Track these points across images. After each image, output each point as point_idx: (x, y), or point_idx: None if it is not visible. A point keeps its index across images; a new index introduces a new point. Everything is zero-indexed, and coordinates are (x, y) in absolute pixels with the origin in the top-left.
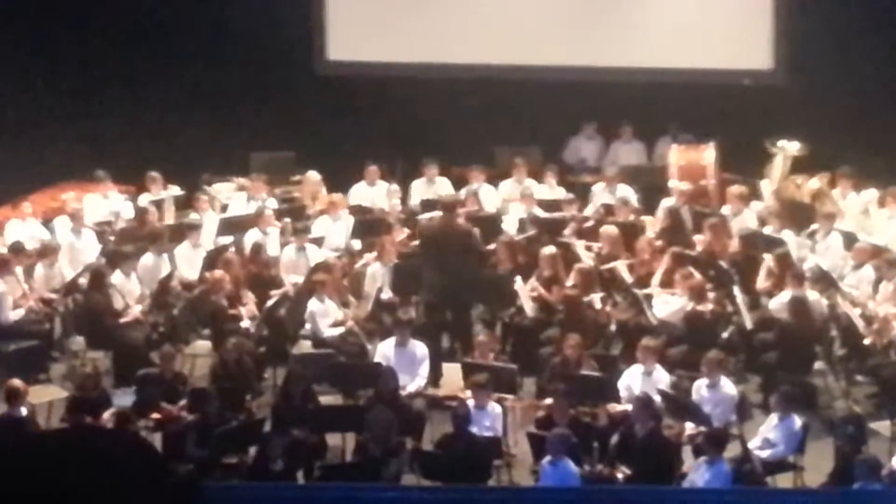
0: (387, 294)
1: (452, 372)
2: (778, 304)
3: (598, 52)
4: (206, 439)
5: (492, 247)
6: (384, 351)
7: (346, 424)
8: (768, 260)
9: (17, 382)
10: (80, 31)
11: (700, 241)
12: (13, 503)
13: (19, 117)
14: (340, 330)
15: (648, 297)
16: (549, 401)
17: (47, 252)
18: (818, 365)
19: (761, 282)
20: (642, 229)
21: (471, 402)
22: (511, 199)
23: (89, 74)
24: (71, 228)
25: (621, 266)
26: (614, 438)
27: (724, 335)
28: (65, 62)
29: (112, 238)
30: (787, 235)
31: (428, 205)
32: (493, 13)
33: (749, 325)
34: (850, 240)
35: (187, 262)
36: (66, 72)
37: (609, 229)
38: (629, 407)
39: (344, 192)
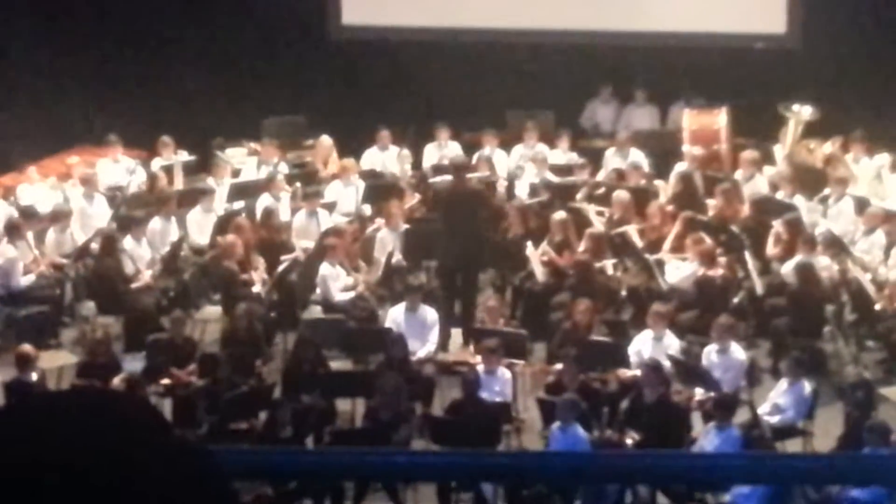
0: (397, 259)
1: (458, 336)
2: (789, 269)
3: (611, 15)
4: (216, 405)
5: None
6: (394, 316)
7: (356, 390)
8: (777, 226)
9: (27, 348)
10: None
11: (712, 206)
12: (14, 467)
13: (30, 81)
14: (351, 295)
15: (660, 263)
16: (558, 366)
17: (59, 217)
18: (828, 330)
19: (770, 248)
20: (654, 194)
21: (481, 368)
22: (523, 164)
23: (101, 39)
24: (83, 193)
25: (632, 231)
26: (624, 404)
27: (735, 300)
28: (76, 27)
29: (123, 203)
30: (799, 200)
31: (439, 169)
32: None
33: (760, 290)
34: (862, 205)
35: (198, 227)
36: (78, 36)
37: (620, 194)
38: (639, 372)
39: (356, 156)
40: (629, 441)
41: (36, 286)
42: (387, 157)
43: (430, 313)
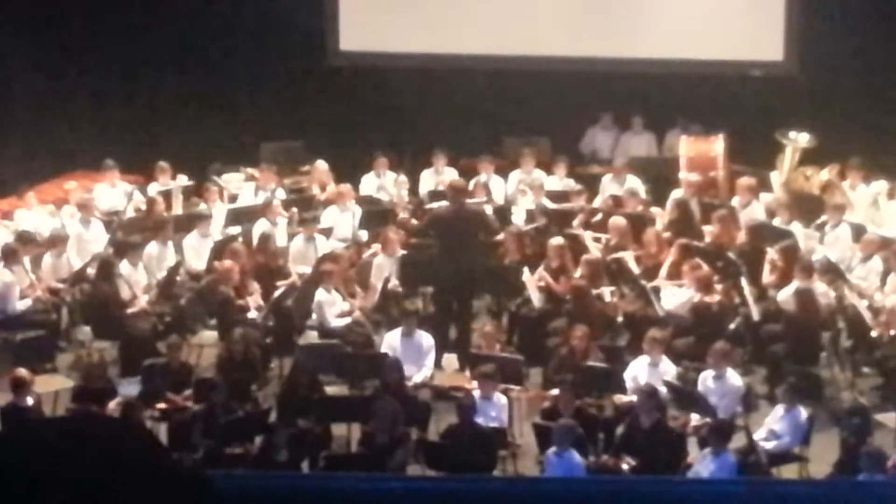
0: (393, 284)
1: (447, 362)
2: (786, 295)
3: (608, 43)
4: (211, 429)
5: (500, 237)
6: (390, 341)
7: (352, 415)
8: (771, 254)
9: (23, 372)
10: (89, 20)
11: (708, 232)
12: (11, 492)
13: (28, 107)
14: (347, 320)
15: (656, 289)
16: (555, 391)
17: (55, 242)
18: (824, 356)
19: (766, 276)
20: (651, 221)
21: (477, 393)
22: (519, 190)
23: (99, 63)
24: (79, 218)
25: (629, 257)
26: (620, 429)
27: (731, 326)
28: (74, 53)
29: (119, 228)
30: (797, 227)
31: (436, 195)
32: (503, 4)
33: (756, 316)
34: (858, 231)
35: (195, 252)
36: (75, 62)
37: (617, 220)
38: (635, 398)
39: (353, 182)
40: (625, 466)
41: (32, 311)
42: (384, 183)
43: (426, 338)
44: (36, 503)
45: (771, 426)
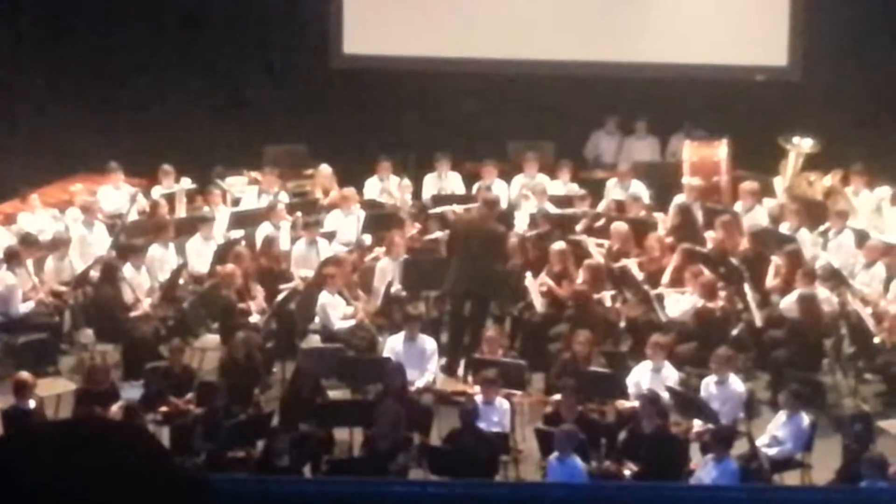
0: (396, 289)
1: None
2: (788, 302)
3: (612, 47)
4: (213, 433)
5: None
6: (393, 346)
7: (354, 419)
8: (776, 259)
9: (25, 375)
10: (94, 21)
11: (711, 237)
12: (13, 496)
13: (33, 109)
14: (351, 323)
15: (660, 296)
16: (557, 397)
17: (58, 244)
18: (827, 363)
19: (770, 281)
20: (653, 226)
21: (479, 398)
22: (523, 195)
23: (102, 67)
24: (82, 221)
25: (632, 265)
26: (622, 435)
27: (734, 332)
28: (78, 55)
29: (122, 231)
30: (804, 234)
31: (439, 200)
32: (507, 8)
33: (759, 322)
34: (862, 238)
35: (198, 255)
36: (80, 65)
37: (619, 226)
38: (637, 403)
39: (356, 186)
40: (627, 472)
41: (35, 313)
42: (387, 187)
43: (428, 343)
44: None
45: (773, 432)
